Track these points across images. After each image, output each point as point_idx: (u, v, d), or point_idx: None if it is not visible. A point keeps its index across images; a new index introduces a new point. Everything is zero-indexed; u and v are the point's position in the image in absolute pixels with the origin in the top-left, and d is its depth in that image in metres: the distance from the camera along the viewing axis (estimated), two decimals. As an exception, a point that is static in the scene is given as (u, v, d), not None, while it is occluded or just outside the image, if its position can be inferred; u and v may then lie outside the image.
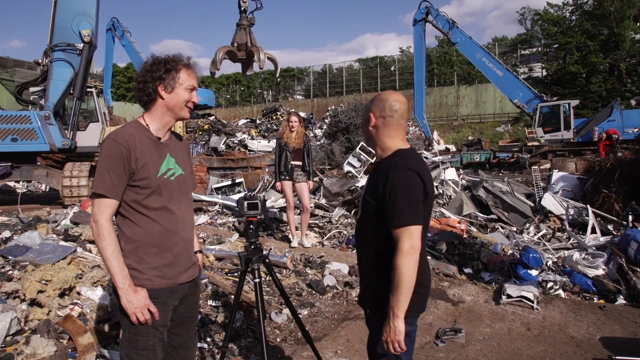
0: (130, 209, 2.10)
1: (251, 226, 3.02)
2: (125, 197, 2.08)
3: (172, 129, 2.33)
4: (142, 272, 2.09)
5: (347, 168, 11.43)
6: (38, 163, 12.36)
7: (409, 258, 1.92)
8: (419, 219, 1.95)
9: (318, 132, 21.64)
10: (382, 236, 2.03)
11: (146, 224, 2.11)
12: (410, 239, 1.92)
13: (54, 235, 6.08)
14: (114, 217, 2.10)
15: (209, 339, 3.85)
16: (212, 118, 25.65)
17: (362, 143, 11.41)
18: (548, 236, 7.29)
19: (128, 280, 2.02)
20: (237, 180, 12.45)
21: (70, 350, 3.40)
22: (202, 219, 8.32)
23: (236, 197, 10.18)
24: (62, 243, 5.67)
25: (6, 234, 6.38)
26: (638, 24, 31.84)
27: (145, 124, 2.18)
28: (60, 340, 3.46)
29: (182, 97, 2.17)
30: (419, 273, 2.05)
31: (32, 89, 12.24)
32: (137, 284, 2.06)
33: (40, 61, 11.51)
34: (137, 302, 2.02)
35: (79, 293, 4.20)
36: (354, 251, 2.14)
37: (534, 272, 5.51)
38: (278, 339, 4.08)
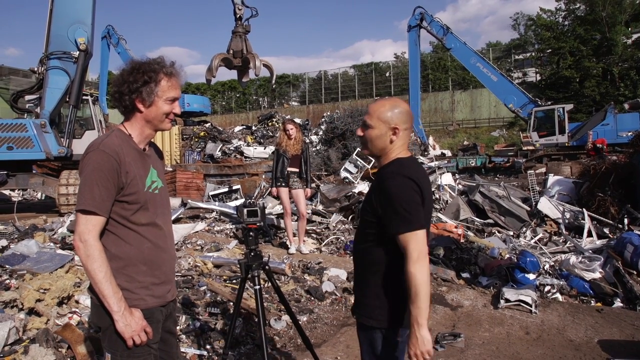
0: (116, 224, 1.95)
1: (251, 233, 3.03)
2: (110, 213, 1.93)
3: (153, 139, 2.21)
4: (133, 292, 1.96)
5: (343, 174, 11.45)
6: (34, 171, 12.29)
7: (420, 264, 1.91)
8: (421, 224, 1.94)
9: (314, 138, 21.68)
10: (377, 245, 2.02)
11: (135, 240, 1.98)
12: (417, 244, 1.91)
13: (51, 244, 6.08)
14: None
15: (208, 347, 3.85)
16: (207, 125, 25.65)
17: (358, 149, 11.43)
18: (545, 240, 7.32)
19: (124, 302, 1.89)
20: (234, 187, 12.44)
21: (69, 359, 3.39)
22: (199, 226, 8.31)
23: (233, 204, 10.18)
24: (60, 251, 5.66)
25: (3, 242, 6.37)
26: (629, 28, 32.17)
27: (127, 132, 2.03)
28: (59, 350, 3.44)
29: (162, 110, 2.01)
30: None
31: (27, 97, 12.20)
32: (130, 305, 1.93)
33: (35, 69, 11.48)
34: (135, 325, 1.90)
35: (77, 302, 4.19)
36: (352, 257, 2.16)
37: (531, 276, 5.54)
38: (278, 346, 4.07)
